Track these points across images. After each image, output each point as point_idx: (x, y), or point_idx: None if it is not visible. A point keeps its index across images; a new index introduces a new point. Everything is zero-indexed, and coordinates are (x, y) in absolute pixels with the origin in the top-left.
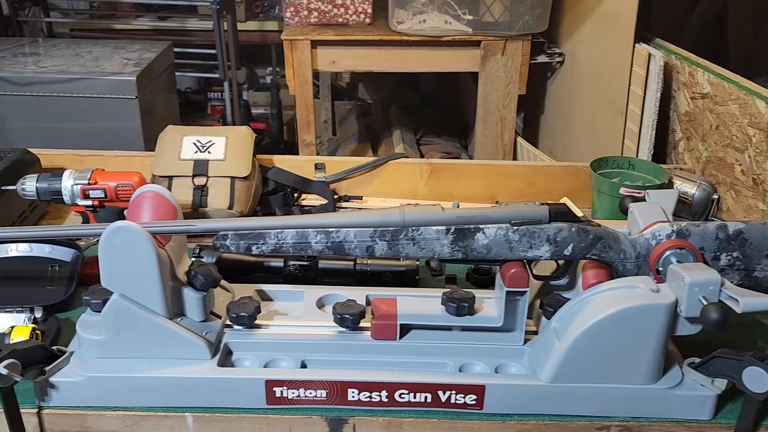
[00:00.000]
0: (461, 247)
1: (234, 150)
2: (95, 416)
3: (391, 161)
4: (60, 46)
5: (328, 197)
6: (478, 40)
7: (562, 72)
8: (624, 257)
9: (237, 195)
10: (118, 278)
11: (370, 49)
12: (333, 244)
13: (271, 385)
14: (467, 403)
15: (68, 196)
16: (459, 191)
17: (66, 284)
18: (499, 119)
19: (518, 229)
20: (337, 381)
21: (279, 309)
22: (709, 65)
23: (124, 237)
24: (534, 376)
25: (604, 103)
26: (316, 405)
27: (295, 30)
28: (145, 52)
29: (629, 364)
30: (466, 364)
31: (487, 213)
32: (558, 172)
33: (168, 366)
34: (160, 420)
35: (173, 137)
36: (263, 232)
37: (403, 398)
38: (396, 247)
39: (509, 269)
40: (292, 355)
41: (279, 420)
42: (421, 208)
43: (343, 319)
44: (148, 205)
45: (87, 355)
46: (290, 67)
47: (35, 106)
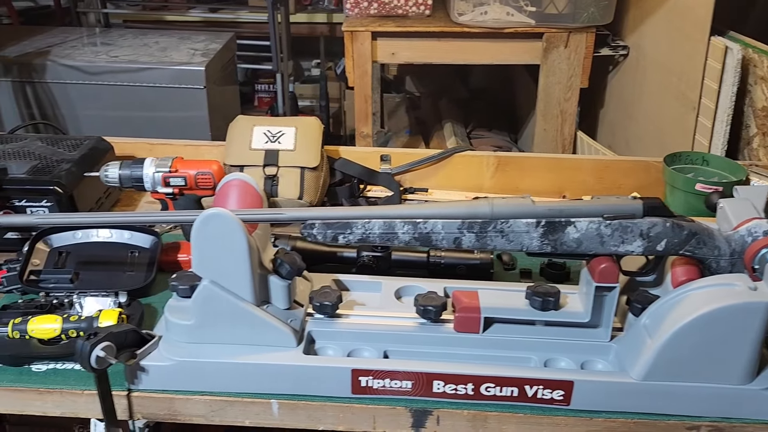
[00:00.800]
0: (551, 240)
1: (303, 140)
2: (182, 400)
3: (457, 154)
4: (127, 36)
5: (394, 189)
6: (540, 32)
7: (626, 65)
8: (718, 254)
9: (306, 185)
10: (209, 264)
11: (430, 41)
12: (420, 235)
13: (357, 374)
14: (554, 398)
15: (149, 183)
16: (525, 185)
17: (145, 270)
18: (559, 113)
19: (611, 224)
20: (423, 372)
21: (357, 299)
22: None
23: (217, 224)
24: (623, 373)
25: (674, 97)
26: (400, 396)
27: (355, 21)
28: (211, 43)
29: (723, 364)
30: (551, 359)
31: (579, 206)
32: (628, 167)
33: (255, 353)
34: (245, 406)
35: (244, 127)
36: (350, 221)
37: (489, 392)
38: (484, 239)
39: (599, 264)
40: (374, 346)
41: (363, 409)
42: (511, 200)
43: (426, 310)
44: (235, 194)
45: (175, 340)
46: (350, 59)
47: (106, 95)
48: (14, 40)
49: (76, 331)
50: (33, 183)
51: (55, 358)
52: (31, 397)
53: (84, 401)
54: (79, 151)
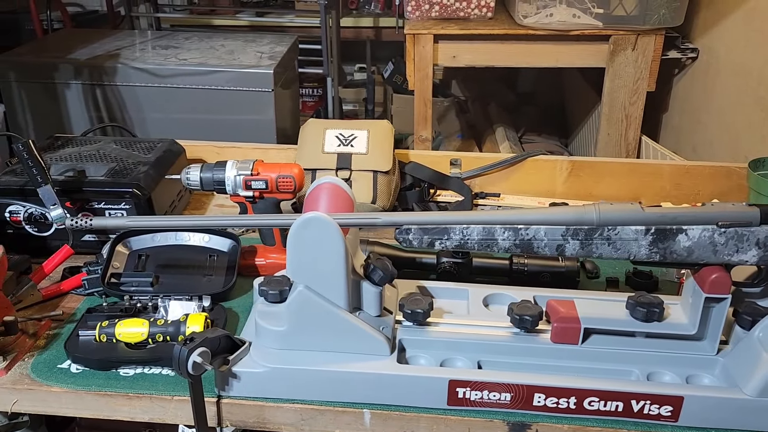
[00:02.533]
0: (660, 248)
1: (375, 144)
2: (273, 408)
3: (530, 158)
4: (193, 40)
5: (465, 194)
6: (607, 34)
7: (694, 68)
8: None
9: (379, 189)
10: (305, 269)
11: (492, 44)
12: (521, 241)
13: (455, 385)
14: (662, 414)
15: (231, 186)
16: (600, 191)
17: (225, 274)
18: (624, 117)
19: (725, 232)
20: (523, 384)
21: (444, 307)
22: None
23: (315, 228)
24: (736, 389)
25: (752, 101)
26: (498, 408)
27: (417, 24)
28: (276, 46)
29: None
30: (654, 372)
31: (692, 213)
32: (708, 173)
33: (348, 360)
34: (336, 415)
35: (315, 130)
36: (448, 227)
37: (592, 406)
38: (589, 246)
39: (710, 274)
40: (467, 356)
41: (459, 422)
42: (618, 205)
43: (522, 320)
44: (326, 197)
45: (266, 346)
46: (411, 62)
47: (175, 98)
48: (82, 43)
49: (163, 335)
50: (112, 185)
51: (143, 362)
52: (119, 402)
53: (173, 407)
54: (154, 154)
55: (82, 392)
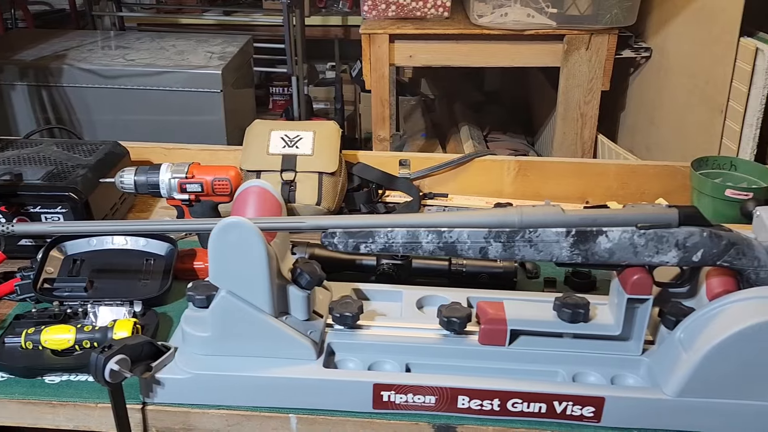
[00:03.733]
0: (582, 250)
1: (321, 145)
2: (199, 414)
3: (477, 158)
4: (144, 40)
5: (413, 194)
6: (561, 33)
7: (648, 67)
8: (758, 265)
9: (325, 191)
10: (227, 274)
11: (448, 44)
12: (445, 244)
13: (379, 388)
14: (584, 415)
15: (165, 189)
16: (547, 190)
17: (161, 278)
18: (579, 116)
19: (645, 233)
20: (448, 387)
21: (378, 309)
22: None
23: (236, 233)
24: (657, 389)
25: (699, 100)
26: (423, 411)
27: (373, 24)
28: (228, 46)
29: (764, 380)
30: (579, 373)
31: (612, 215)
32: (653, 172)
33: (274, 366)
34: (263, 420)
35: (261, 131)
36: (373, 230)
37: (515, 408)
38: (511, 249)
39: (631, 275)
40: (396, 358)
41: (385, 425)
42: (540, 208)
43: (450, 322)
44: (254, 201)
45: (192, 352)
46: (367, 62)
47: (122, 99)
48: (30, 43)
49: (90, 342)
50: (48, 189)
51: (68, 369)
52: (43, 410)
53: (98, 414)
54: (95, 157)
55: (5, 400)
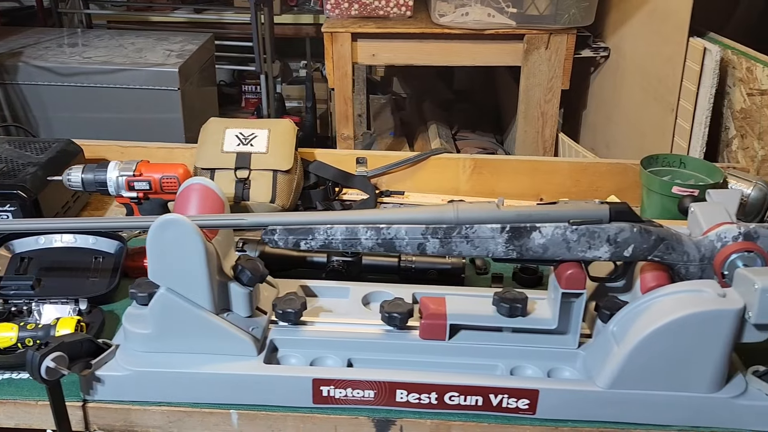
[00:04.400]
0: (516, 246)
1: (276, 143)
2: (140, 411)
3: (433, 156)
4: (103, 37)
5: (370, 192)
6: (521, 33)
7: (606, 67)
8: (687, 260)
9: (279, 188)
10: (165, 272)
11: (410, 42)
12: (383, 240)
13: (319, 384)
14: (519, 407)
15: (113, 187)
16: (502, 188)
17: (110, 276)
18: (540, 114)
19: (577, 229)
20: (386, 381)
21: (324, 305)
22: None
23: (173, 230)
24: (590, 382)
25: (653, 99)
26: (363, 405)
27: (335, 22)
28: (187, 44)
29: (692, 372)
30: (517, 367)
31: (545, 211)
32: (605, 170)
33: (214, 362)
34: (204, 417)
35: (216, 129)
36: (312, 227)
37: (453, 401)
38: (448, 245)
39: (566, 270)
40: (338, 354)
41: (325, 420)
42: (475, 205)
43: (391, 317)
44: (196, 198)
45: (133, 349)
46: (330, 60)
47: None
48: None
49: (33, 340)
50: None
51: (9, 367)
52: None
53: (38, 412)
54: (47, 155)
55: None
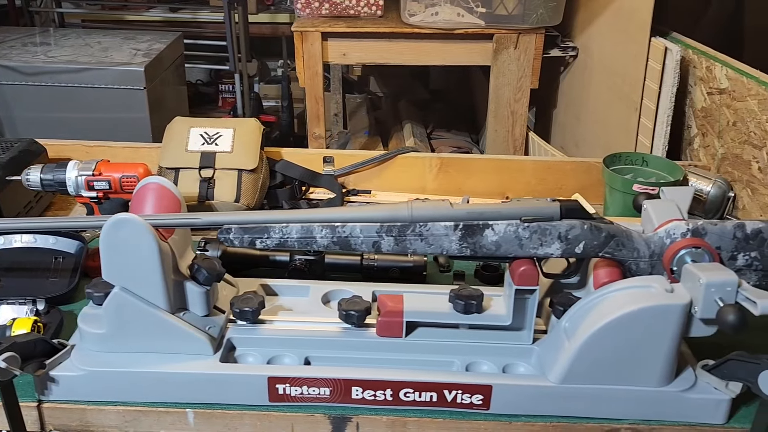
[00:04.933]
0: (470, 243)
1: (241, 142)
2: (95, 411)
3: (400, 155)
4: (70, 36)
5: (336, 191)
6: (490, 33)
7: (575, 66)
8: (637, 256)
9: (244, 188)
10: (119, 271)
11: (381, 42)
12: (339, 239)
13: (274, 381)
14: (473, 403)
15: (72, 187)
16: (469, 186)
17: (69, 276)
18: (510, 114)
19: (529, 226)
20: (341, 379)
21: (284, 304)
22: (727, 60)
23: (125, 229)
24: (542, 377)
25: (618, 98)
26: (319, 403)
27: (305, 22)
28: (155, 43)
29: (641, 366)
30: (473, 363)
31: (497, 209)
32: (570, 168)
33: (169, 361)
34: (160, 416)
35: (180, 129)
36: (268, 226)
37: (408, 397)
38: (403, 242)
39: (519, 267)
40: (295, 352)
41: (281, 417)
42: (429, 203)
43: (348, 315)
44: (152, 198)
45: (88, 349)
46: (300, 59)
47: (43, 96)
48: None
49: None
50: None
51: None
52: None
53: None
54: (8, 155)
55: None
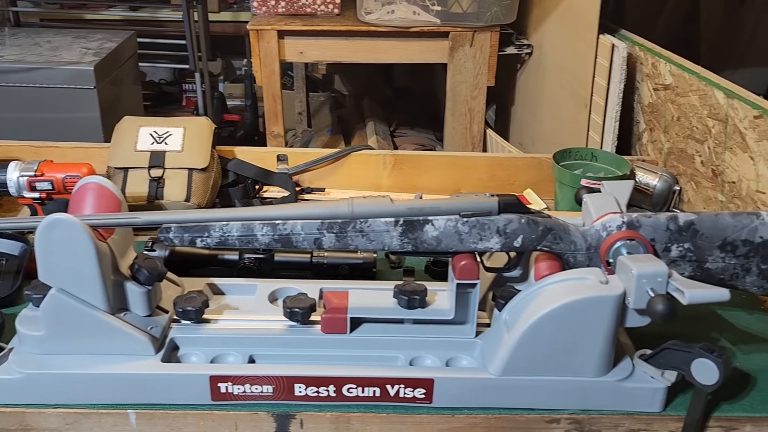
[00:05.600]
0: (411, 239)
1: (192, 141)
2: (35, 414)
3: (354, 153)
4: (19, 36)
5: (290, 189)
6: (446, 31)
7: (530, 64)
8: (575, 249)
9: (194, 187)
10: (56, 272)
11: (338, 40)
12: (280, 236)
13: (216, 380)
14: (416, 397)
15: (14, 188)
16: (423, 183)
17: (12, 279)
18: (467, 111)
19: (468, 221)
20: (284, 376)
21: (230, 303)
22: (671, 56)
23: (61, 230)
24: (483, 369)
25: (569, 95)
26: (262, 401)
27: (261, 20)
28: (107, 42)
29: (578, 357)
30: (417, 357)
31: (437, 205)
32: (521, 164)
33: (110, 362)
34: (101, 417)
35: (129, 128)
36: (208, 224)
37: (351, 393)
38: (345, 239)
39: (459, 261)
40: (239, 350)
41: (224, 416)
42: (370, 199)
43: (293, 313)
44: (91, 198)
45: (27, 352)
46: (257, 58)
47: None
48: None
49: None
50: None
51: None
52: None
53: None
54: None
55: None
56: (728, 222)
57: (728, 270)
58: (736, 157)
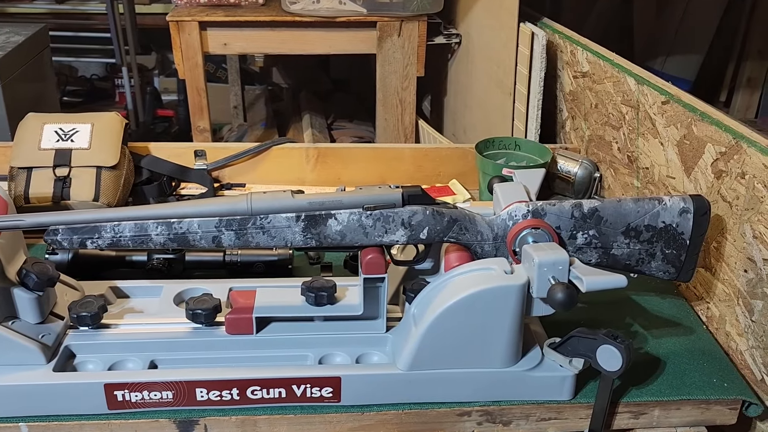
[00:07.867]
0: (314, 234)
1: (100, 138)
2: None
3: (276, 147)
4: None
5: (208, 185)
6: (373, 21)
7: (460, 53)
8: (481, 239)
9: (104, 186)
10: None
11: (263, 31)
12: (176, 235)
13: (111, 388)
14: (324, 396)
15: None
16: (348, 176)
17: None
18: (398, 102)
19: (372, 214)
20: (183, 381)
21: (134, 306)
22: (588, 43)
23: None
24: (392, 365)
25: (495, 84)
26: (162, 407)
27: (182, 11)
28: (14, 35)
29: (486, 348)
30: (327, 355)
31: (339, 198)
32: (446, 155)
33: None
34: None
35: (33, 126)
36: (98, 225)
37: (255, 395)
38: (245, 236)
39: (366, 255)
40: (140, 356)
41: (123, 425)
42: (269, 194)
43: (196, 314)
44: None
45: None
46: (178, 50)
47: None
48: None
49: None
50: None
51: None
52: None
53: None
54: None
55: None
56: (631, 208)
57: (633, 255)
58: (648, 143)
